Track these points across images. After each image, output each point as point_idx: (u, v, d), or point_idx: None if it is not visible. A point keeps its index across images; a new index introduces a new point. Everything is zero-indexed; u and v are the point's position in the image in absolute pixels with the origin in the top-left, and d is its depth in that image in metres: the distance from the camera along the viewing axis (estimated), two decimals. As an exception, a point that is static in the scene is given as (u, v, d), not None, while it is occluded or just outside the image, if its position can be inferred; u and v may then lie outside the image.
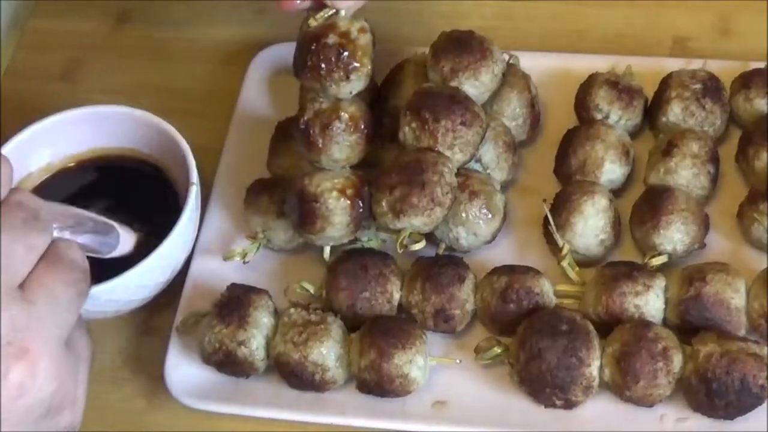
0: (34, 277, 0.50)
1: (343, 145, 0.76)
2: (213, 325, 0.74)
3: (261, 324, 0.74)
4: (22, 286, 0.49)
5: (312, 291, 0.77)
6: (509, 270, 0.75)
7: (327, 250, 0.78)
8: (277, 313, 0.76)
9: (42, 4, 1.02)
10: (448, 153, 0.76)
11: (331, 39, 0.75)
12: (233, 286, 0.77)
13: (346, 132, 0.76)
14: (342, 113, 0.76)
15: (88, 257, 0.59)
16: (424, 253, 0.76)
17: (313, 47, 0.75)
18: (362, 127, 0.76)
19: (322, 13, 0.76)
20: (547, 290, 0.75)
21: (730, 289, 0.72)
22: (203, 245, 0.81)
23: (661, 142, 0.80)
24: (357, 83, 0.76)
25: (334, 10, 0.76)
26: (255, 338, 0.74)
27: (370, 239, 0.79)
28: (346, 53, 0.75)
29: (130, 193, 0.80)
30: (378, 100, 0.84)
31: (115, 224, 0.69)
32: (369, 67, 0.76)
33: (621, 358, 0.70)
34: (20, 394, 0.47)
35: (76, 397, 0.52)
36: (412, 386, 0.72)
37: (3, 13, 1.00)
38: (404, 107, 0.77)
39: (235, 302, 0.75)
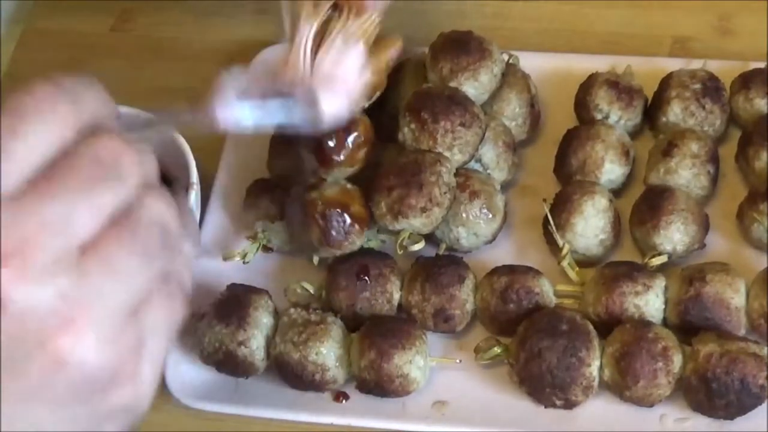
0: (96, 243, 0.44)
1: (356, 158, 0.76)
2: (213, 325, 0.74)
3: (261, 324, 0.74)
4: (83, 251, 0.44)
5: (312, 291, 0.77)
6: (509, 270, 0.75)
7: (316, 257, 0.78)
8: (277, 313, 0.76)
9: (42, 4, 1.02)
10: (447, 154, 0.76)
11: None
12: (233, 286, 0.77)
13: (359, 144, 0.76)
14: (356, 127, 0.76)
15: None
16: (424, 253, 0.76)
17: None
18: (371, 137, 0.77)
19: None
20: (547, 290, 0.75)
21: (730, 289, 0.72)
22: (203, 245, 0.81)
23: (661, 142, 0.80)
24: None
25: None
26: (255, 338, 0.74)
27: (370, 239, 0.79)
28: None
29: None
30: (377, 100, 0.84)
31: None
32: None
33: (621, 358, 0.70)
34: (58, 368, 0.43)
35: (139, 373, 0.46)
36: (412, 386, 0.72)
37: (3, 12, 1.00)
38: (403, 108, 0.77)
39: (235, 302, 0.75)
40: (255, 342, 0.74)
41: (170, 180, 0.80)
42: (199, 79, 0.93)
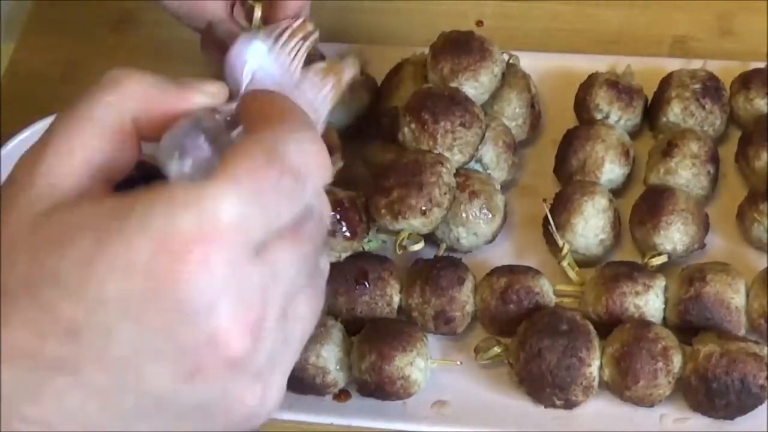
0: (267, 248, 0.44)
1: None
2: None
3: (261, 325, 0.74)
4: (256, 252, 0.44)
5: (312, 293, 0.77)
6: (509, 270, 0.75)
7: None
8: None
9: (42, 4, 1.02)
10: (447, 154, 0.76)
11: None
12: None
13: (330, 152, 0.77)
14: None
15: None
16: (424, 254, 0.76)
17: None
18: (337, 143, 0.77)
19: None
20: (546, 290, 0.75)
21: (730, 289, 0.72)
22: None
23: (661, 142, 0.80)
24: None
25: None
26: (255, 339, 0.73)
27: (370, 240, 0.79)
28: None
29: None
30: (377, 100, 0.84)
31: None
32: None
33: (621, 358, 0.70)
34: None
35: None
36: (413, 388, 0.72)
37: (3, 13, 1.00)
38: (403, 108, 0.77)
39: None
40: (255, 343, 0.73)
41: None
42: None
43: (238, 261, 0.42)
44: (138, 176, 0.48)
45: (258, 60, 0.56)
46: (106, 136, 0.46)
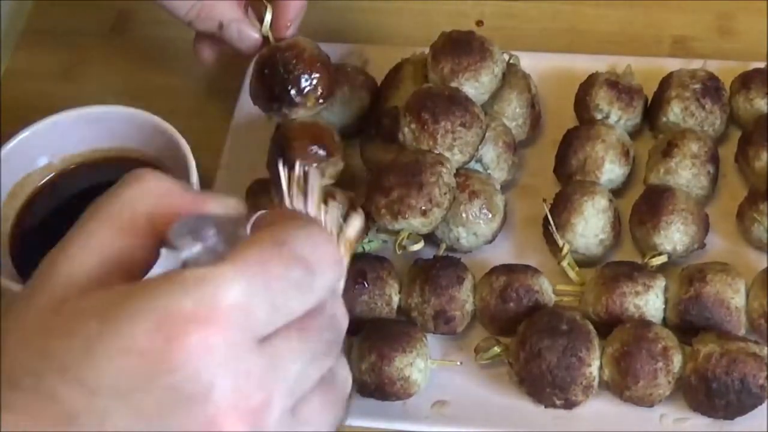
0: (270, 339, 0.44)
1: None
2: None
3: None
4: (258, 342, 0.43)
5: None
6: (508, 269, 0.75)
7: None
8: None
9: (42, 4, 1.02)
10: (447, 154, 0.76)
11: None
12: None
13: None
14: None
15: None
16: (422, 255, 0.76)
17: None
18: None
19: None
20: (546, 288, 0.75)
21: (730, 289, 0.72)
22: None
23: (661, 142, 0.80)
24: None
25: None
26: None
27: (371, 240, 0.79)
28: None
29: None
30: (377, 100, 0.84)
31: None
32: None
33: (621, 358, 0.70)
34: None
35: None
36: (413, 389, 0.72)
37: (3, 13, 1.00)
38: (403, 108, 0.77)
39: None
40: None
41: None
42: (199, 79, 0.94)
43: (238, 346, 0.41)
44: None
45: None
46: (121, 231, 0.46)
